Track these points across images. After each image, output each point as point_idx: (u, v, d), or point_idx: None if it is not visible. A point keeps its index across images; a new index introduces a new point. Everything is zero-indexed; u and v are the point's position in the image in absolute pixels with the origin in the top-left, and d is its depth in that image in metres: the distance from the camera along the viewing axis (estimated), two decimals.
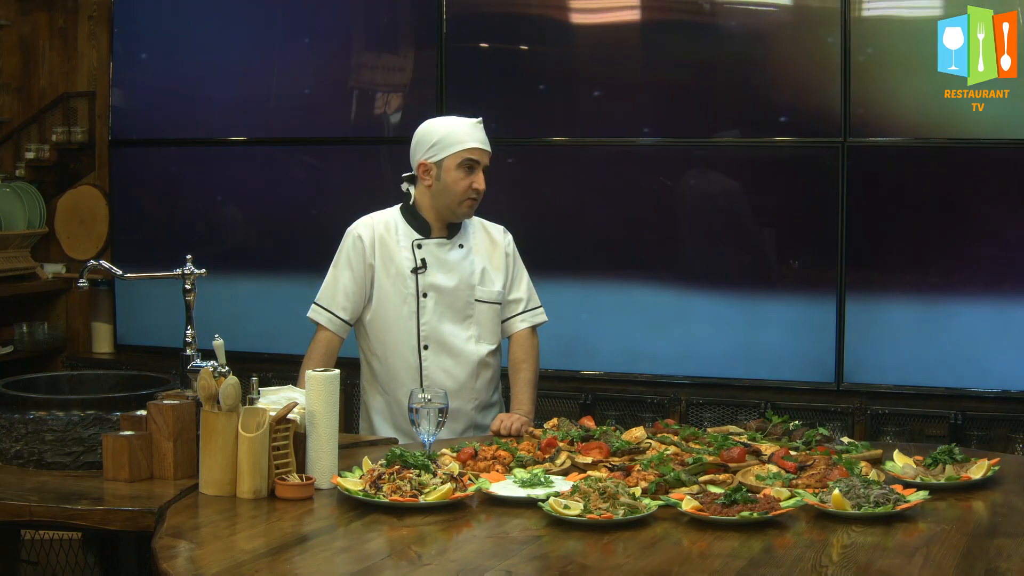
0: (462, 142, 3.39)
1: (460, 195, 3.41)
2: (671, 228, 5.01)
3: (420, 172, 3.44)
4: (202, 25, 5.60)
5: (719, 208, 4.95)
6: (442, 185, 3.41)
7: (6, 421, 2.91)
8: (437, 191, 3.42)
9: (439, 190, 3.42)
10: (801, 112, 4.81)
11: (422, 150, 3.42)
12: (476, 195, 3.42)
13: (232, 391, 2.70)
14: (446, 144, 3.39)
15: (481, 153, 3.42)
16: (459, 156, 3.39)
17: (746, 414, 4.82)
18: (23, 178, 5.92)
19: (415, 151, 3.45)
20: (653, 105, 4.98)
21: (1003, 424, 4.63)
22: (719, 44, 4.89)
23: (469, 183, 3.40)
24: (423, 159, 3.42)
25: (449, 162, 3.39)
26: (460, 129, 3.42)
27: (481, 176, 3.42)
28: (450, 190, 3.40)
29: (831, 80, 4.74)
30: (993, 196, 4.64)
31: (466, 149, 3.39)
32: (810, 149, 4.82)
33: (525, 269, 3.62)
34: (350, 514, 2.58)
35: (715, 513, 2.48)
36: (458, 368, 3.48)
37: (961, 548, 2.35)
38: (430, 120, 3.49)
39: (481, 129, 3.45)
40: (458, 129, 3.42)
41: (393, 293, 3.46)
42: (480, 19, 5.20)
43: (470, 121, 3.45)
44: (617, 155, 5.06)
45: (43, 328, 5.89)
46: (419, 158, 3.43)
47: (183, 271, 3.21)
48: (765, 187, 4.89)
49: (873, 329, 4.78)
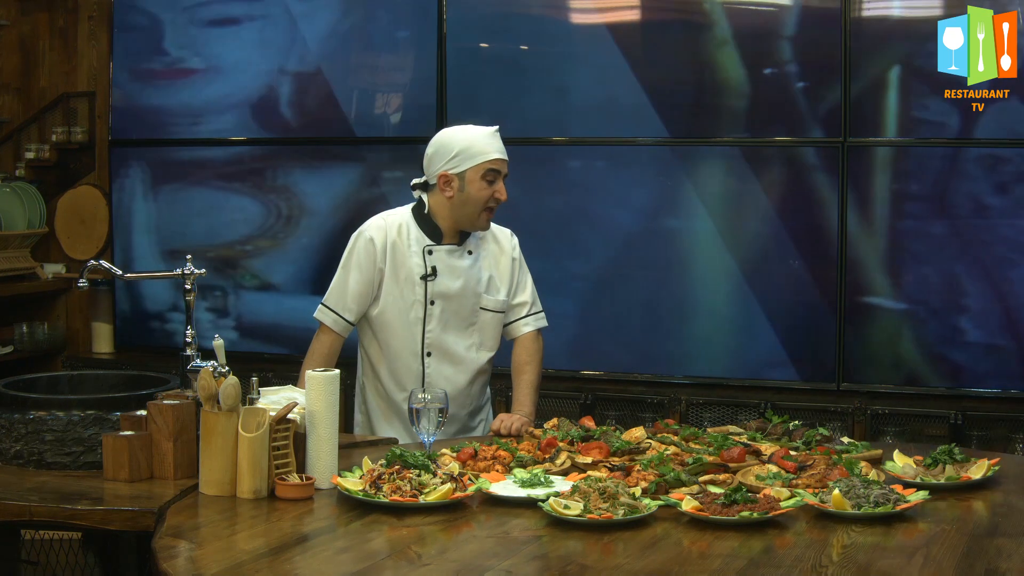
0: (485, 153, 3.36)
1: (482, 205, 3.38)
2: (671, 228, 5.01)
3: (441, 183, 3.38)
4: (202, 25, 5.60)
5: (719, 208, 4.95)
6: (465, 196, 3.37)
7: (6, 421, 2.90)
8: (459, 202, 3.39)
9: (461, 201, 3.38)
10: (801, 112, 4.81)
11: (442, 161, 3.38)
12: (496, 204, 3.41)
13: (232, 391, 2.70)
14: (468, 155, 3.36)
15: (502, 163, 3.40)
16: (482, 168, 3.36)
17: (746, 414, 4.82)
18: (23, 178, 5.91)
19: (433, 161, 3.40)
20: (653, 105, 4.98)
21: (1003, 424, 4.63)
22: (719, 44, 4.89)
23: (491, 193, 3.37)
24: (444, 170, 3.37)
25: (472, 174, 3.36)
26: (481, 140, 3.38)
27: (503, 186, 3.40)
28: (473, 200, 3.37)
29: (831, 80, 4.74)
30: (993, 196, 4.64)
31: (489, 160, 3.36)
32: (810, 149, 4.82)
33: (530, 273, 3.61)
34: (350, 514, 2.58)
35: (715, 513, 2.48)
36: (459, 376, 3.48)
37: (961, 548, 2.35)
38: (448, 130, 3.46)
39: (499, 138, 3.42)
40: (479, 140, 3.38)
41: (400, 298, 3.44)
42: (480, 19, 5.20)
43: (489, 130, 3.41)
44: (617, 154, 5.06)
45: (43, 328, 5.89)
46: (439, 169, 3.38)
47: (183, 271, 3.21)
48: (765, 187, 4.88)
49: (873, 329, 4.79)
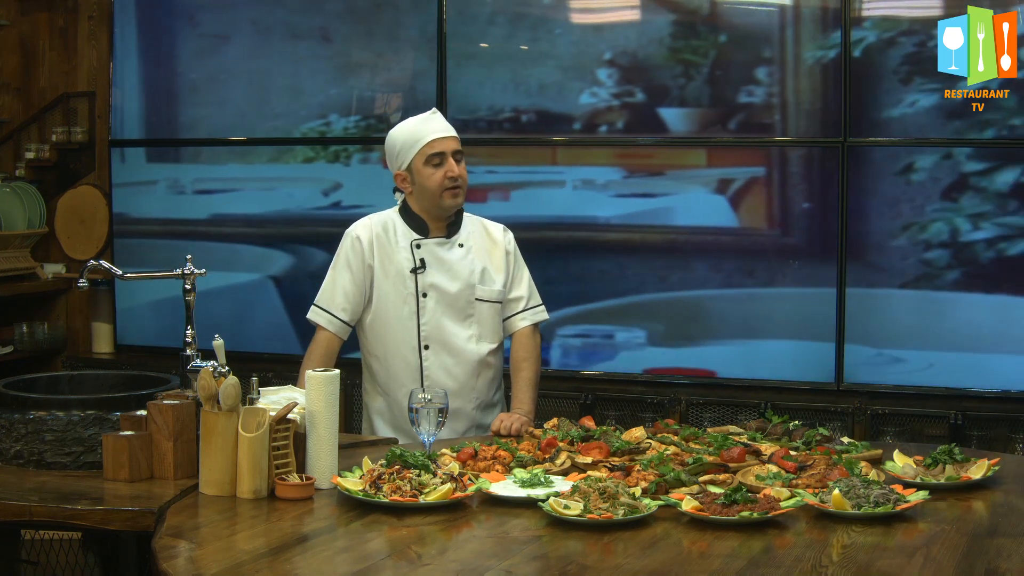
0: (420, 139, 3.42)
1: (438, 188, 3.41)
2: (671, 228, 5.01)
3: (399, 183, 3.49)
4: (202, 25, 5.60)
5: (718, 207, 4.94)
6: (419, 187, 3.44)
7: (6, 421, 2.91)
8: (419, 194, 3.45)
9: (419, 192, 3.45)
10: (801, 112, 4.81)
11: (393, 162, 3.48)
12: (453, 183, 3.42)
13: (232, 391, 2.70)
14: (407, 147, 3.43)
15: (443, 142, 3.42)
16: (423, 154, 3.41)
17: (746, 414, 4.82)
18: (23, 178, 5.91)
19: (390, 165, 3.51)
20: (653, 105, 4.97)
21: (1003, 424, 4.63)
22: (719, 44, 4.89)
23: (442, 174, 3.40)
24: (396, 170, 3.48)
25: (416, 163, 3.42)
26: (416, 128, 3.44)
27: (452, 163, 3.41)
28: (427, 188, 3.42)
29: (831, 80, 4.74)
30: (993, 196, 4.63)
31: (426, 144, 3.41)
32: (810, 149, 4.82)
33: (526, 267, 3.62)
34: (350, 514, 2.58)
35: (715, 513, 2.48)
36: (459, 368, 3.48)
37: (961, 548, 2.35)
38: (391, 131, 3.53)
39: (438, 118, 3.47)
40: (414, 129, 3.44)
41: (393, 293, 3.46)
42: (480, 19, 5.20)
43: (423, 116, 3.47)
44: (616, 154, 5.05)
45: (43, 328, 5.89)
46: (393, 170, 3.49)
47: (183, 271, 3.21)
48: (764, 186, 4.88)
49: (873, 329, 4.78)
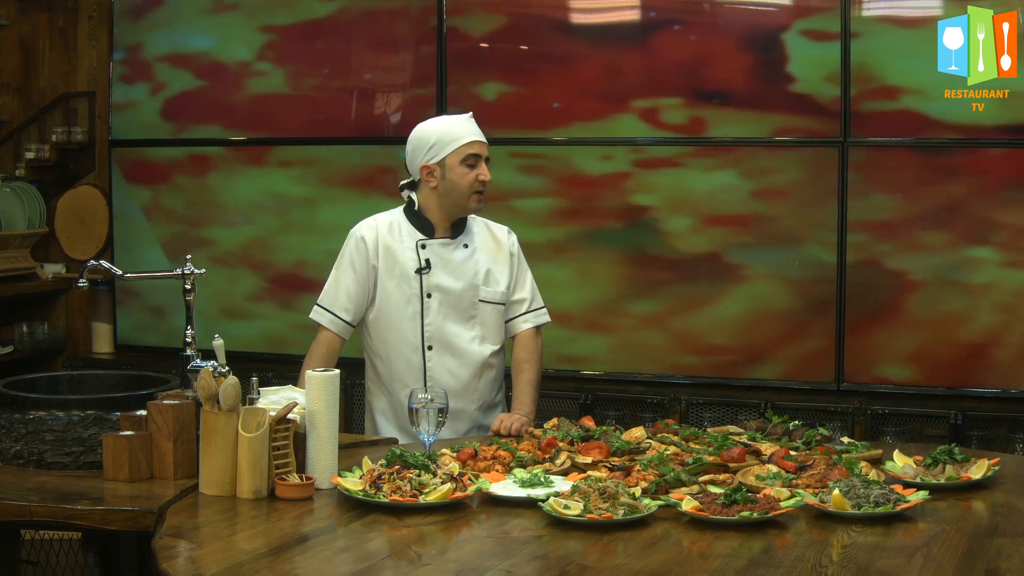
0: (460, 138, 3.42)
1: (468, 189, 3.43)
2: (671, 228, 5.01)
3: (424, 175, 3.45)
4: (202, 25, 5.59)
5: (719, 208, 4.94)
6: (448, 184, 3.43)
7: (6, 421, 2.91)
8: (444, 190, 3.44)
9: (446, 189, 3.43)
10: (801, 112, 4.81)
11: (421, 154, 3.45)
12: (483, 187, 3.44)
13: (232, 391, 2.70)
14: (445, 143, 3.42)
15: (480, 146, 3.46)
16: (460, 152, 3.42)
17: (746, 414, 4.82)
18: (23, 178, 5.91)
19: (414, 156, 3.47)
20: (652, 104, 4.97)
21: (1003, 424, 4.63)
22: (719, 44, 4.88)
23: (475, 176, 3.42)
24: (424, 162, 3.44)
25: (451, 160, 3.42)
26: (456, 126, 3.45)
27: (485, 168, 3.45)
28: (457, 186, 3.42)
29: (831, 80, 4.74)
30: (993, 196, 4.63)
31: (466, 144, 3.42)
32: (810, 149, 4.82)
33: (529, 269, 3.63)
34: (350, 514, 2.58)
35: (715, 513, 2.48)
36: (462, 369, 3.49)
37: (961, 548, 2.35)
38: (422, 124, 3.52)
39: (474, 123, 3.49)
40: (454, 127, 3.45)
41: (397, 294, 3.46)
42: (480, 19, 5.20)
43: (462, 117, 3.49)
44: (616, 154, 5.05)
45: (43, 328, 5.89)
46: (420, 162, 3.45)
47: (183, 271, 3.21)
48: (765, 187, 4.88)
49: (873, 329, 4.78)
